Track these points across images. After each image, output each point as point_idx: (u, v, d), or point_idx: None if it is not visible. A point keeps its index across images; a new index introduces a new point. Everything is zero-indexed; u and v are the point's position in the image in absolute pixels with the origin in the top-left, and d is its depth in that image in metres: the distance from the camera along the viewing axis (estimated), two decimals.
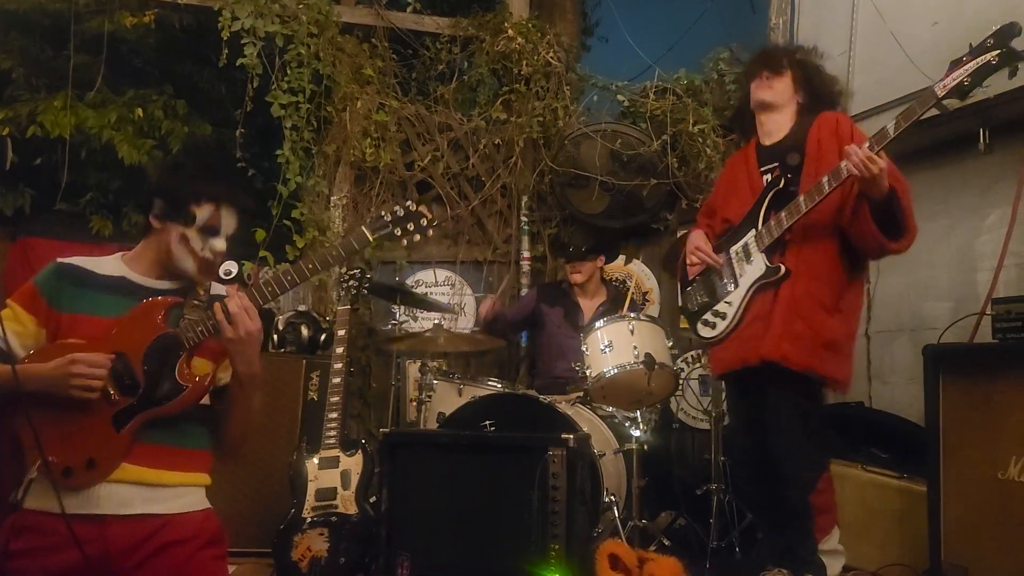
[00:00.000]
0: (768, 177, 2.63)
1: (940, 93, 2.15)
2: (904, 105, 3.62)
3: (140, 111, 4.84)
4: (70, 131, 4.54)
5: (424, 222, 1.73)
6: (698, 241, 2.74)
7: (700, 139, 4.29)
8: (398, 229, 1.72)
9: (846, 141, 2.47)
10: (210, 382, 1.71)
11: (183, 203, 1.72)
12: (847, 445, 3.30)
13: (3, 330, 1.62)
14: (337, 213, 4.49)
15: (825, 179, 2.36)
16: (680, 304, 2.97)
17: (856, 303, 2.59)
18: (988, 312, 2.81)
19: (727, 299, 2.64)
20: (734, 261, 2.64)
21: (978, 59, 2.09)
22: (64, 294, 1.69)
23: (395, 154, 4.55)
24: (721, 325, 2.64)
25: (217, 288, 1.80)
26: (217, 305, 1.65)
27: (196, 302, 1.73)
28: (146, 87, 5.25)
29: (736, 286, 2.62)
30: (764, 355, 2.45)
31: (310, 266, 1.72)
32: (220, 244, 1.74)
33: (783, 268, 2.50)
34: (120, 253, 1.81)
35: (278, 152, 4.22)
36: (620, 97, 4.67)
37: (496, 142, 4.64)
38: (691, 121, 4.32)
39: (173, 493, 1.67)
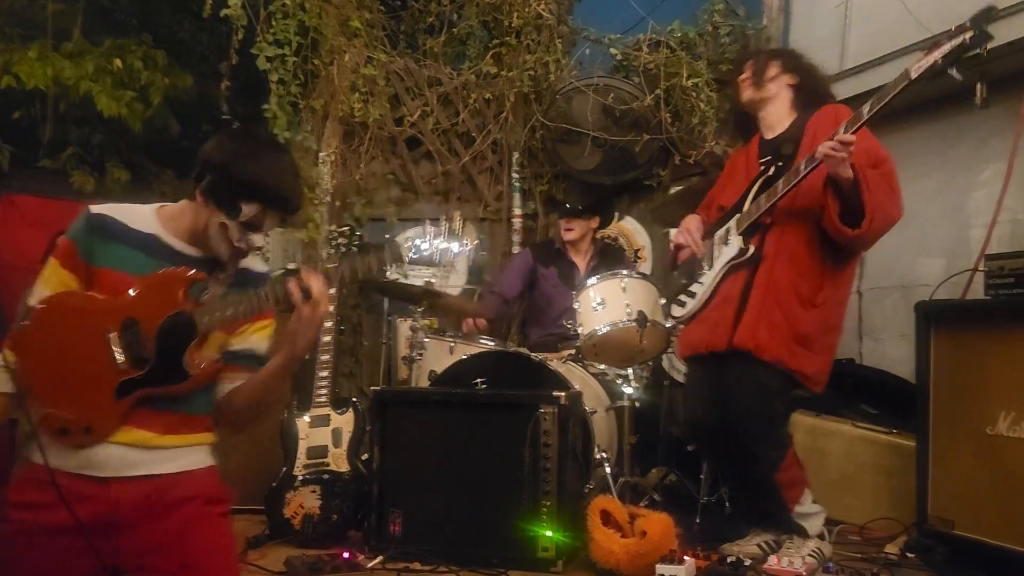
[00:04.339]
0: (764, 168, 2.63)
1: (914, 75, 2.16)
2: (901, 59, 3.62)
3: (119, 62, 4.69)
4: (47, 83, 4.41)
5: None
6: (690, 224, 2.75)
7: (694, 93, 4.23)
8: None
9: None
10: (214, 367, 1.68)
11: (232, 195, 1.62)
12: (837, 401, 3.32)
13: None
14: (326, 169, 4.42)
15: (801, 163, 2.36)
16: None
17: (837, 298, 2.55)
18: (981, 268, 2.80)
19: (700, 279, 2.68)
20: (715, 244, 2.67)
21: (954, 40, 2.08)
22: (96, 247, 1.63)
23: (384, 109, 4.46)
24: (690, 304, 2.67)
25: (248, 262, 1.76)
26: (293, 282, 1.59)
27: (223, 275, 1.69)
28: (124, 37, 5.10)
29: (711, 267, 2.65)
30: (736, 343, 2.43)
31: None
32: (258, 240, 1.67)
33: (751, 249, 2.49)
34: (158, 205, 1.73)
35: (264, 106, 4.13)
36: (613, 50, 4.59)
37: (486, 97, 4.55)
38: (685, 75, 4.25)
39: (177, 453, 1.66)
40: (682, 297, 2.72)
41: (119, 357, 1.59)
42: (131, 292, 1.62)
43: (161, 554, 1.58)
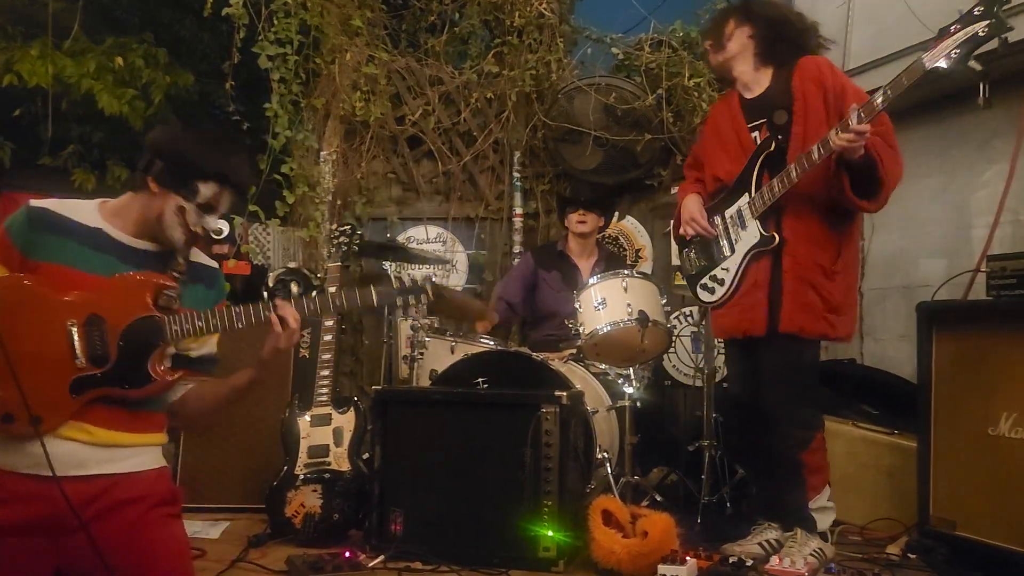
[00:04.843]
0: (757, 135, 2.62)
1: (928, 65, 2.13)
2: (904, 58, 3.62)
3: (120, 60, 4.70)
4: (48, 81, 4.42)
5: (424, 299, 1.82)
6: (693, 210, 2.74)
7: (696, 93, 4.23)
8: (400, 299, 1.81)
9: (831, 89, 2.48)
10: (177, 379, 1.68)
11: (188, 176, 1.65)
12: (838, 401, 3.32)
13: None
14: (327, 168, 4.42)
15: (815, 148, 2.36)
16: (678, 265, 2.98)
17: (852, 255, 2.65)
18: (983, 269, 2.80)
19: (724, 265, 2.67)
20: (729, 226, 2.66)
21: (967, 29, 2.06)
22: (39, 242, 1.59)
23: (385, 108, 4.45)
24: (720, 291, 2.68)
25: (197, 256, 1.77)
26: (274, 317, 1.68)
27: (176, 273, 1.68)
28: (125, 35, 5.11)
29: (732, 251, 2.64)
30: (782, 330, 2.50)
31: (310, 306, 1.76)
32: (214, 223, 1.70)
33: (776, 237, 2.52)
34: (99, 201, 1.71)
35: (266, 105, 4.13)
36: (614, 50, 4.59)
37: (488, 96, 4.55)
38: (687, 75, 4.25)
39: (128, 453, 1.63)
40: (707, 282, 2.72)
41: (78, 352, 1.57)
42: (96, 292, 1.59)
43: (111, 555, 1.53)
